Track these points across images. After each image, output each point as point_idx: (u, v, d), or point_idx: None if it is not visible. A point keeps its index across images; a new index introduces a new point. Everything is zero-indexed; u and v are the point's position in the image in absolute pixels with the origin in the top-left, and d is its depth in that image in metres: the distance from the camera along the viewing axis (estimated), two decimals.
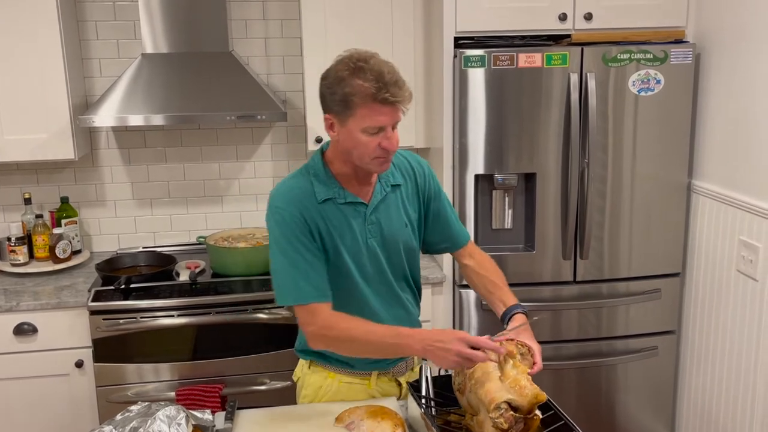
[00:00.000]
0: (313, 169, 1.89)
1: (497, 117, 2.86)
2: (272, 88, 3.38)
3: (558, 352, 3.05)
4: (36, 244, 3.17)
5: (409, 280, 2.04)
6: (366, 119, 1.74)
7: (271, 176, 3.48)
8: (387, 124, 1.76)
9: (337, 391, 2.02)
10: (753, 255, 2.63)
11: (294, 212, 1.82)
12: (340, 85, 1.74)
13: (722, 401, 2.88)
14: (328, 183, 1.87)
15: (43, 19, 2.90)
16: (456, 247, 2.12)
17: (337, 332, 1.80)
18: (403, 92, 1.74)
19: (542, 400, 1.59)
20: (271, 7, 3.34)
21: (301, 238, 1.82)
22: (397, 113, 1.77)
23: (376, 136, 1.76)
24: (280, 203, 1.84)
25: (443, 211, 2.07)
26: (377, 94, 1.71)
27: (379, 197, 1.93)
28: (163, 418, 1.70)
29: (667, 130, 2.94)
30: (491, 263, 2.11)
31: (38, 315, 2.82)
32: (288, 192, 1.86)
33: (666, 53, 2.86)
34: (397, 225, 1.95)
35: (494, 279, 2.06)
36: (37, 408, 2.88)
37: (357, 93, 1.72)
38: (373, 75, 1.71)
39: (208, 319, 2.86)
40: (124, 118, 2.92)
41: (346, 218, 1.88)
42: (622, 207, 2.98)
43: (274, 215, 1.84)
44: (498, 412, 1.57)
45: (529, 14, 2.87)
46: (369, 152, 1.78)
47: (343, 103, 1.74)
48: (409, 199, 2.00)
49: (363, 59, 1.74)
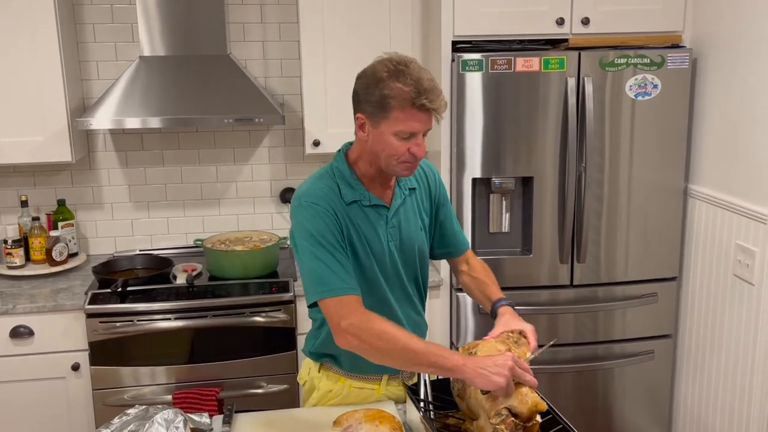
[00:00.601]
0: (338, 170, 1.88)
1: (495, 121, 2.87)
2: (270, 91, 3.38)
3: (555, 356, 3.05)
4: (32, 246, 3.17)
5: (419, 283, 2.05)
6: (400, 123, 1.73)
7: (269, 179, 3.48)
8: (420, 131, 1.76)
9: (346, 395, 2.00)
10: (749, 259, 2.64)
11: (327, 208, 1.80)
12: (378, 86, 1.72)
13: (718, 405, 2.88)
14: (354, 185, 1.87)
15: (41, 21, 2.89)
16: (457, 254, 2.13)
17: (379, 327, 1.70)
18: (440, 100, 1.73)
19: (542, 409, 1.60)
20: (269, 10, 3.34)
21: (335, 233, 1.80)
22: (431, 120, 1.76)
23: (406, 141, 1.76)
24: (313, 199, 1.81)
25: (449, 217, 2.09)
26: (416, 99, 1.70)
27: (399, 201, 1.94)
28: (161, 421, 1.70)
29: (664, 135, 2.95)
30: (483, 267, 2.13)
31: (35, 318, 2.81)
32: (318, 190, 1.83)
33: (663, 58, 2.87)
34: (414, 229, 1.97)
35: (485, 279, 2.07)
36: (34, 411, 2.87)
37: (395, 96, 1.71)
38: (413, 80, 1.70)
39: (205, 323, 2.86)
40: (121, 120, 2.92)
41: (370, 221, 1.88)
42: (619, 211, 2.98)
43: (306, 210, 1.80)
44: (499, 417, 1.58)
45: (527, 18, 2.87)
46: (397, 156, 1.78)
47: (379, 105, 1.73)
48: (423, 204, 2.01)
49: (404, 63, 1.74)
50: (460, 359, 1.63)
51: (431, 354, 1.66)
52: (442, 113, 1.76)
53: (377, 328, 1.69)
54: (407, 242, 1.95)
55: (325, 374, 2.03)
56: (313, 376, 2.06)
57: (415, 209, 1.98)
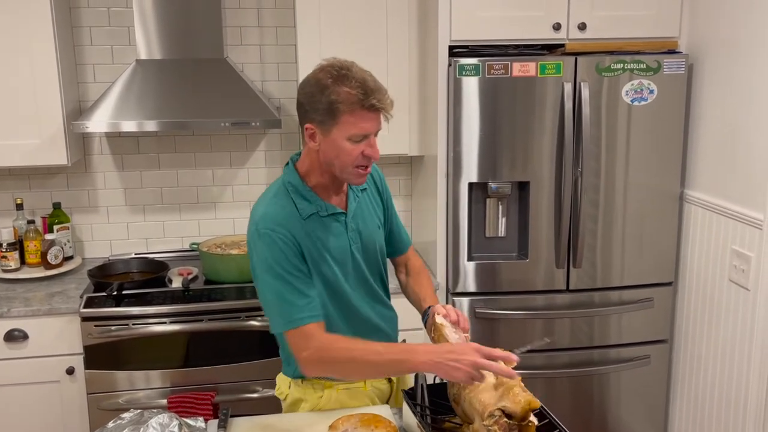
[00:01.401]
0: (291, 185, 1.87)
1: (491, 125, 2.87)
2: (267, 94, 3.38)
3: (550, 361, 3.05)
4: (27, 249, 3.16)
5: (384, 279, 2.07)
6: (351, 126, 1.74)
7: (265, 183, 3.47)
8: (371, 131, 1.77)
9: (336, 399, 2.00)
10: (745, 264, 2.64)
11: (286, 234, 1.79)
12: (324, 93, 1.72)
13: (714, 410, 2.88)
14: (309, 197, 1.86)
15: (37, 24, 2.89)
16: (400, 252, 2.17)
17: (335, 353, 1.76)
18: (387, 99, 1.75)
19: (535, 407, 1.59)
20: (266, 14, 3.34)
21: (294, 261, 1.79)
22: (380, 120, 1.78)
23: (359, 144, 1.77)
24: (270, 225, 1.79)
25: (394, 216, 2.13)
26: (364, 100, 1.71)
27: (354, 204, 1.95)
28: (156, 425, 1.69)
29: (660, 140, 2.95)
30: (421, 269, 2.17)
31: (29, 321, 2.80)
32: (275, 214, 1.81)
33: (659, 63, 2.88)
34: (372, 228, 1.99)
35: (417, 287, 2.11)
36: (28, 415, 2.86)
37: (343, 100, 1.71)
38: (358, 82, 1.72)
39: (200, 326, 2.85)
40: (117, 123, 2.91)
41: (330, 230, 1.88)
42: (615, 216, 2.99)
43: (264, 238, 1.79)
44: (492, 419, 1.58)
45: (524, 24, 2.88)
46: (352, 160, 1.78)
47: (327, 112, 1.73)
48: (375, 201, 2.04)
49: (345, 67, 1.75)
50: (422, 356, 1.66)
51: (392, 363, 1.73)
52: (390, 111, 1.77)
53: (333, 355, 1.75)
54: (369, 243, 1.97)
55: (310, 384, 2.00)
56: (294, 388, 2.02)
57: (370, 208, 2.01)
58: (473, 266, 2.97)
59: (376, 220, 2.01)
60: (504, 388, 1.63)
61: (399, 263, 2.20)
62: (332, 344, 1.77)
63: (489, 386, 1.66)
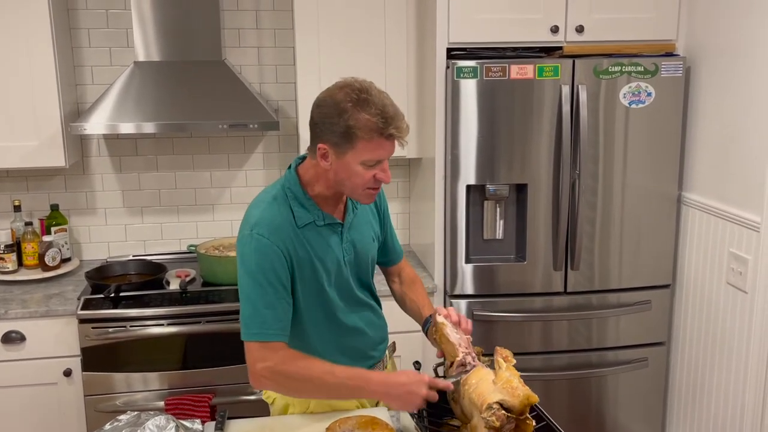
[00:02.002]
0: (290, 192, 1.86)
1: (489, 128, 2.87)
2: (265, 96, 3.38)
3: (548, 363, 3.05)
4: (25, 251, 3.15)
5: (372, 287, 2.07)
6: (367, 153, 1.72)
7: (263, 185, 3.46)
8: (386, 157, 1.76)
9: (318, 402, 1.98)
10: (742, 267, 2.64)
11: (277, 243, 1.78)
12: (343, 117, 1.70)
13: (711, 413, 2.88)
14: (307, 206, 1.85)
15: (35, 26, 2.89)
16: (394, 262, 2.18)
17: (294, 369, 1.76)
18: (404, 125, 1.74)
19: (534, 401, 1.60)
20: (265, 16, 3.34)
21: (279, 273, 1.78)
22: (395, 146, 1.77)
23: (373, 168, 1.76)
24: (264, 231, 1.78)
25: (390, 227, 2.14)
26: (384, 129, 1.70)
27: (351, 216, 1.95)
28: (153, 427, 1.69)
29: (658, 143, 2.96)
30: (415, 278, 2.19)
31: (26, 323, 2.80)
32: (271, 220, 1.80)
33: (657, 66, 2.89)
34: (367, 240, 1.99)
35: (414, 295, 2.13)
36: (25, 417, 2.85)
37: (362, 127, 1.69)
38: (378, 109, 1.69)
39: (198, 328, 2.85)
40: (115, 125, 2.91)
41: (325, 240, 1.88)
42: (613, 218, 2.99)
43: (252, 242, 1.78)
44: (490, 411, 1.59)
45: (522, 26, 2.88)
46: (363, 183, 1.78)
47: (344, 136, 1.71)
48: (372, 214, 2.04)
49: (365, 90, 1.71)
50: (375, 386, 1.74)
51: (347, 387, 1.76)
52: (406, 138, 1.76)
53: (291, 371, 1.75)
54: (362, 254, 1.97)
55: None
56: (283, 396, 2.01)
57: (367, 220, 2.01)
58: (471, 268, 2.97)
59: (371, 232, 2.02)
60: (503, 382, 1.64)
61: (392, 273, 2.20)
62: (293, 360, 1.77)
63: (488, 381, 1.67)
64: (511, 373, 1.66)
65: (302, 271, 1.84)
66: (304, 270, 1.84)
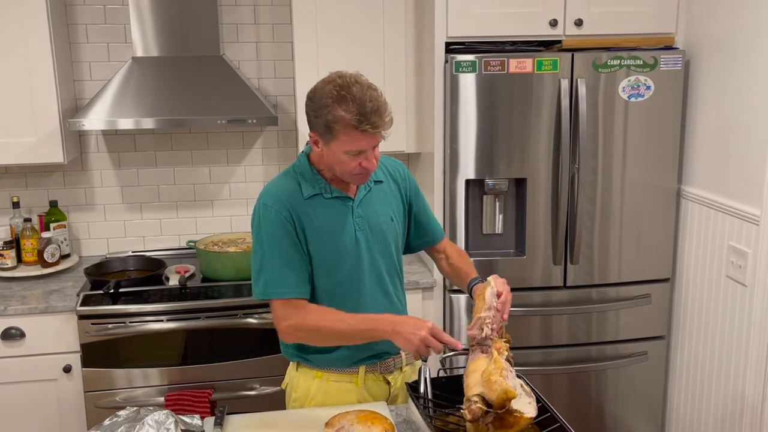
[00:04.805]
0: (299, 168, 1.98)
1: (488, 122, 2.87)
2: (263, 92, 3.38)
3: (548, 358, 3.05)
4: (24, 248, 3.15)
5: (400, 276, 2.12)
6: (347, 144, 1.83)
7: (262, 180, 3.47)
8: (367, 148, 1.85)
9: (326, 392, 2.02)
10: (742, 261, 2.64)
11: (281, 208, 1.90)
12: (324, 111, 1.82)
13: (711, 406, 2.88)
14: (314, 181, 1.96)
15: (33, 22, 2.88)
16: (434, 242, 2.22)
17: (311, 323, 1.90)
18: (383, 120, 1.82)
19: (512, 396, 1.60)
20: (263, 11, 3.33)
21: (286, 234, 1.90)
22: (377, 138, 1.85)
23: (357, 157, 1.86)
24: (269, 200, 1.92)
25: (423, 208, 2.18)
26: (358, 125, 1.79)
27: (363, 192, 2.01)
28: (152, 423, 1.69)
29: (657, 136, 2.95)
30: (460, 253, 2.24)
31: (26, 319, 2.80)
32: (276, 190, 1.94)
33: (656, 59, 2.88)
34: (383, 218, 2.03)
35: (461, 266, 2.18)
36: (25, 413, 2.85)
37: (339, 121, 1.80)
38: (356, 105, 1.78)
39: (197, 324, 2.85)
40: (114, 121, 2.91)
41: (334, 212, 1.96)
42: (612, 212, 2.99)
43: (261, 209, 1.93)
44: (468, 403, 1.62)
45: (520, 20, 2.88)
46: (350, 169, 1.88)
47: (326, 128, 1.83)
48: (393, 196, 2.08)
49: (347, 87, 1.80)
50: (384, 325, 1.85)
51: (359, 331, 1.89)
52: (387, 131, 1.86)
53: (310, 324, 1.90)
54: (377, 231, 2.01)
55: (302, 373, 2.06)
56: (293, 377, 2.09)
57: (383, 200, 2.05)
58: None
59: (389, 211, 2.05)
60: (486, 374, 1.65)
61: (437, 251, 2.24)
62: (308, 315, 1.91)
63: (478, 372, 1.69)
64: (495, 366, 1.67)
65: (312, 240, 1.93)
66: (313, 239, 1.93)
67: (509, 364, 1.74)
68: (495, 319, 1.86)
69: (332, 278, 1.96)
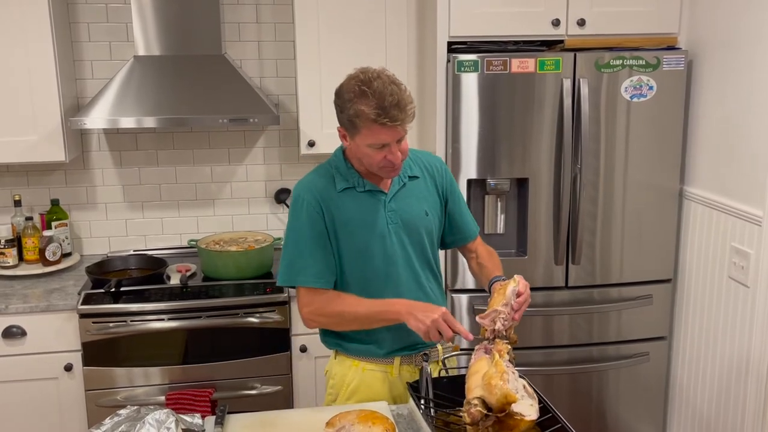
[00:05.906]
0: (334, 163, 2.04)
1: (490, 122, 2.86)
2: (265, 91, 3.38)
3: (549, 358, 3.05)
4: (25, 246, 3.15)
5: (434, 270, 2.14)
6: (369, 138, 1.88)
7: (264, 180, 3.47)
8: (390, 141, 1.89)
9: (361, 380, 2.07)
10: (744, 261, 2.64)
11: (312, 200, 1.97)
12: (347, 106, 1.88)
13: (713, 407, 2.88)
14: (348, 175, 2.02)
15: (35, 20, 2.88)
16: (466, 240, 2.24)
17: (330, 309, 1.98)
18: (403, 114, 1.86)
19: (512, 401, 1.59)
20: (265, 10, 3.33)
21: (316, 225, 1.97)
22: (399, 132, 1.88)
23: (381, 150, 1.90)
24: (302, 192, 2.00)
25: (458, 205, 2.20)
26: (377, 119, 1.83)
27: (397, 187, 2.05)
28: (153, 422, 1.69)
29: (659, 137, 2.95)
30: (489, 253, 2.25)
31: (27, 318, 2.80)
32: (309, 182, 2.02)
33: (658, 60, 2.87)
34: (417, 213, 2.06)
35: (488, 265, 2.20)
36: (26, 412, 2.86)
37: (360, 116, 1.85)
38: (375, 99, 1.83)
39: (198, 323, 2.85)
40: (115, 120, 2.91)
41: (367, 205, 2.00)
42: (614, 213, 2.98)
43: (294, 202, 2.00)
44: (468, 406, 1.61)
45: (523, 20, 2.87)
46: (376, 162, 1.93)
47: (349, 123, 1.90)
48: (429, 192, 2.11)
49: (368, 82, 1.85)
50: (398, 307, 1.91)
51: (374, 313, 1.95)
52: (409, 124, 1.90)
53: (328, 311, 1.99)
54: (411, 226, 2.04)
55: (340, 361, 2.12)
56: (332, 364, 2.15)
57: (418, 195, 2.08)
58: None
59: (424, 206, 2.08)
60: (486, 378, 1.64)
61: (469, 251, 2.25)
62: (328, 301, 1.99)
63: (480, 374, 1.68)
64: (496, 370, 1.66)
65: (341, 230, 1.98)
66: (343, 230, 1.98)
67: (512, 366, 1.74)
68: (509, 316, 1.86)
69: (363, 270, 2.01)
